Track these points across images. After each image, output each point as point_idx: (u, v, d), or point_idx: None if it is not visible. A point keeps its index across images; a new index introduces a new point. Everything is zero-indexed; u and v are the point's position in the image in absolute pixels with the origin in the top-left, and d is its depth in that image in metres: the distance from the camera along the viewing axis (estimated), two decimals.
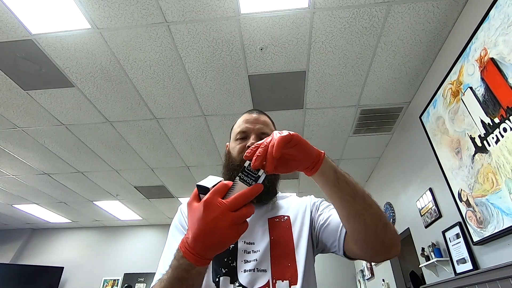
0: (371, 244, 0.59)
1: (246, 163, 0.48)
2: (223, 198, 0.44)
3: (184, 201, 5.46)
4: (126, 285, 4.94)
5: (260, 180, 0.47)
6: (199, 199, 0.47)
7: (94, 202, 4.87)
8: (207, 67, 2.35)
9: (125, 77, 2.42)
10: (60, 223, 5.89)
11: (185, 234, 0.47)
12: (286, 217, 0.77)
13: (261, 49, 2.20)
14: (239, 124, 0.85)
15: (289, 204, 0.82)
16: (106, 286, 5.44)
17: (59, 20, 1.97)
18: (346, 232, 0.67)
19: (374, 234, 0.57)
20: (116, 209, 5.17)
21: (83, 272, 5.53)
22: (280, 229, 0.73)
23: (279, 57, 2.27)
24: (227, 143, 0.88)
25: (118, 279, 5.46)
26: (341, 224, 0.68)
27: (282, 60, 2.30)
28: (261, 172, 0.47)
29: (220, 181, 0.47)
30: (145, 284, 5.31)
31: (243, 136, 0.81)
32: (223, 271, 0.66)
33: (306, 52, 2.22)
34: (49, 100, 2.66)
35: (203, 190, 0.47)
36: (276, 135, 0.49)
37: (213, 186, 0.46)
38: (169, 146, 3.38)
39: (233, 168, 0.77)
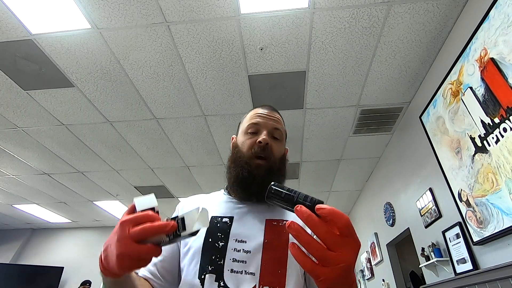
0: None
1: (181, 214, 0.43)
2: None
3: (184, 200, 5.46)
4: (84, 280, 4.94)
5: (184, 234, 0.43)
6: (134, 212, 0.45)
7: (94, 202, 4.87)
8: (207, 67, 2.35)
9: (125, 77, 2.42)
10: (60, 223, 5.89)
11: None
12: (285, 222, 0.71)
13: (261, 49, 2.20)
14: (251, 116, 0.80)
15: None
16: None
17: (59, 20, 1.97)
18: None
19: None
20: (116, 209, 5.17)
21: (83, 272, 5.52)
22: (276, 233, 0.69)
23: (279, 57, 2.27)
24: (233, 136, 0.84)
25: None
26: None
27: (282, 60, 2.30)
28: (185, 232, 0.42)
29: (152, 207, 0.45)
30: None
31: (255, 130, 0.77)
32: (209, 268, 0.63)
33: (306, 52, 2.22)
34: (49, 100, 2.66)
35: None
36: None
37: (142, 211, 0.44)
38: (169, 146, 3.38)
39: (241, 165, 0.74)
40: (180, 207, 0.82)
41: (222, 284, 0.61)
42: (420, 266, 2.57)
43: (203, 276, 0.63)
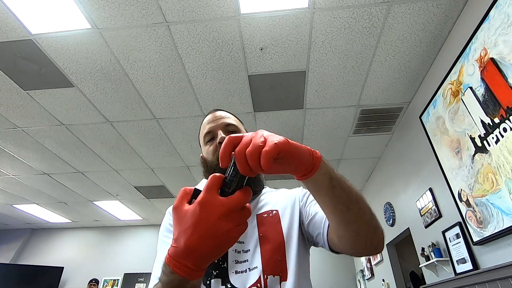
0: (358, 246, 0.58)
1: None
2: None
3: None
4: (91, 278, 4.92)
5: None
6: (189, 203, 0.40)
7: (94, 202, 4.87)
8: (207, 67, 2.35)
9: (125, 77, 2.42)
10: (60, 223, 5.89)
11: (171, 246, 0.40)
12: (274, 212, 0.75)
13: (261, 49, 2.20)
14: (203, 130, 0.83)
15: (277, 198, 0.80)
16: (106, 286, 5.44)
17: (59, 20, 1.97)
18: (328, 225, 0.64)
19: (363, 240, 0.56)
20: (116, 209, 5.17)
21: (83, 272, 5.52)
22: (268, 224, 0.72)
23: (279, 57, 2.27)
24: (201, 154, 0.85)
25: (118, 279, 5.46)
26: (325, 217, 0.66)
27: (282, 60, 2.30)
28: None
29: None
30: (145, 284, 5.31)
31: (211, 137, 0.80)
32: (214, 273, 0.64)
33: (306, 52, 2.22)
34: (49, 100, 2.66)
35: (195, 194, 0.40)
36: (259, 139, 0.38)
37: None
38: (169, 146, 3.38)
39: (214, 169, 0.74)
40: (171, 210, 0.80)
41: (229, 286, 0.63)
42: (420, 266, 2.57)
43: (208, 282, 0.64)
